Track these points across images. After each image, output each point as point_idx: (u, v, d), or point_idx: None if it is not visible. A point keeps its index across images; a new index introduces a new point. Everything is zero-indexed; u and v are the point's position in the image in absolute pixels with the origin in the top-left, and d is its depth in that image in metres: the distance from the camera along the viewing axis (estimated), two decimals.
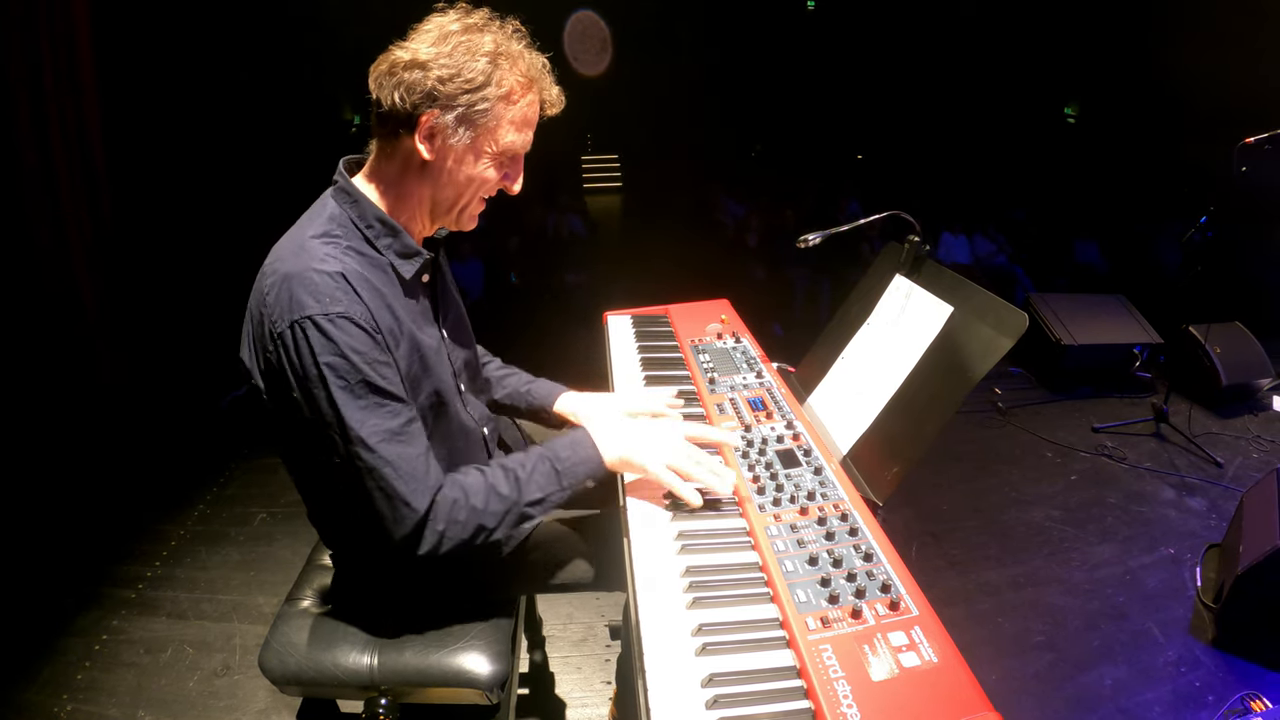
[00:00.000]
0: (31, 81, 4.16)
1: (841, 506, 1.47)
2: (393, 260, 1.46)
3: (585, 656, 2.83)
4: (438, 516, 1.37)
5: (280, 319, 1.30)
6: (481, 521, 1.41)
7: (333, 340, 1.29)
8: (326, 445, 1.34)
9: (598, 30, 11.35)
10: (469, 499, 1.40)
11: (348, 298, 1.32)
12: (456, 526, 1.39)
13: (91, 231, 4.61)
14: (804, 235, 2.09)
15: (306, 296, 1.29)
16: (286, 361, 1.31)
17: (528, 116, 1.44)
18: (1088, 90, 10.72)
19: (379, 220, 1.45)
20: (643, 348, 2.30)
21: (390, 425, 1.34)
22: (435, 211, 1.50)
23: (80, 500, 3.74)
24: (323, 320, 1.28)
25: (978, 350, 1.56)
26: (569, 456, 1.51)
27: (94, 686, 2.67)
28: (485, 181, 1.47)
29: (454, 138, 1.38)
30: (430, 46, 1.34)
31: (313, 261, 1.33)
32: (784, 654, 1.17)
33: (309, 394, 1.31)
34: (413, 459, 1.36)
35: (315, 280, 1.30)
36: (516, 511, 1.44)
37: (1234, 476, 4.05)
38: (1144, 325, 5.19)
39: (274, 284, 1.32)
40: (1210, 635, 2.90)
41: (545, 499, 1.47)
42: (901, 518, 3.65)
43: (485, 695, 1.56)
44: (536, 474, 1.48)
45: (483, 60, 1.34)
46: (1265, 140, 3.63)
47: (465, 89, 1.34)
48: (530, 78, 1.42)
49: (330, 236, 1.40)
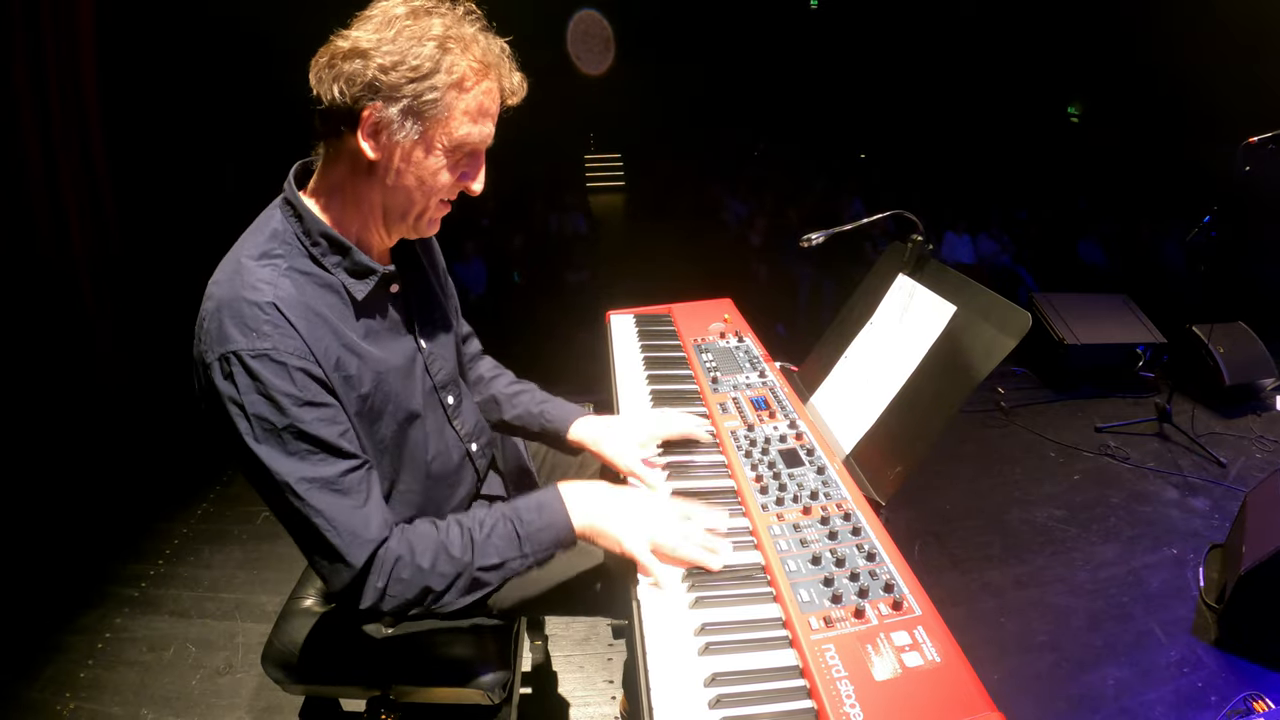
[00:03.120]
0: (35, 83, 4.17)
1: (844, 506, 1.47)
2: (344, 280, 1.33)
3: (587, 655, 2.83)
4: (379, 572, 1.26)
5: (209, 350, 1.19)
6: (427, 583, 1.29)
7: (258, 380, 1.17)
8: (258, 486, 1.24)
9: (600, 30, 11.35)
10: (414, 557, 1.29)
11: (277, 332, 1.19)
12: (399, 584, 1.27)
13: (94, 231, 4.62)
14: (807, 234, 2.09)
15: (234, 329, 1.18)
16: (213, 394, 1.20)
17: (484, 106, 1.28)
18: (1091, 89, 10.71)
19: (324, 237, 1.31)
20: (645, 347, 2.30)
21: (321, 473, 1.22)
22: (389, 218, 1.35)
23: (83, 498, 3.75)
24: (249, 358, 1.17)
25: (981, 350, 1.56)
26: (533, 520, 1.37)
27: (97, 684, 2.67)
28: (439, 182, 1.30)
29: (400, 133, 1.23)
30: (373, 33, 1.21)
31: (244, 289, 1.21)
32: (787, 654, 1.17)
33: (233, 433, 1.20)
34: (347, 510, 1.24)
35: (244, 312, 1.19)
36: (468, 575, 1.32)
37: (1237, 477, 4.04)
38: (1147, 325, 5.18)
39: (208, 311, 1.22)
40: (1213, 635, 2.89)
41: (503, 564, 1.34)
42: (904, 517, 3.64)
43: (487, 695, 1.56)
44: (495, 536, 1.35)
45: (430, 45, 1.20)
46: (1269, 140, 3.62)
47: (410, 77, 1.20)
48: (486, 63, 1.26)
49: (270, 257, 1.27)
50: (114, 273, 4.77)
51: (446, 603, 1.32)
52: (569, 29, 11.10)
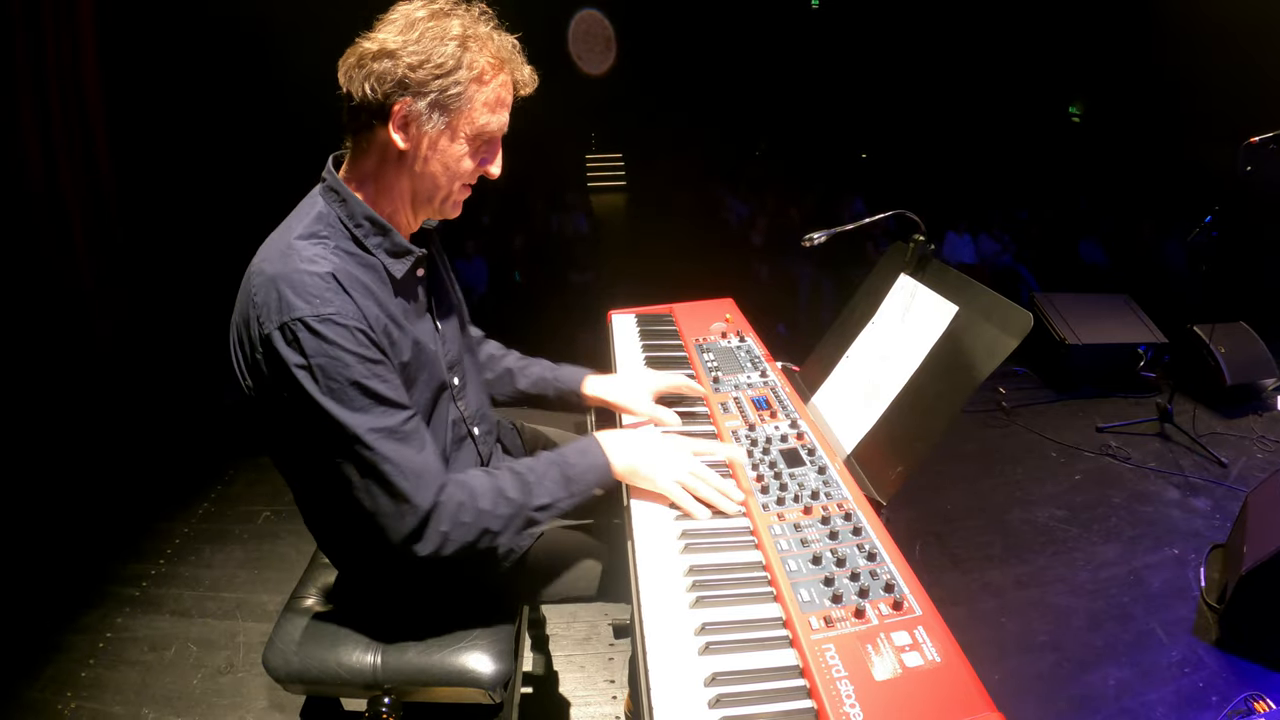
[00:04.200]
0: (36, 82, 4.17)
1: (845, 506, 1.47)
2: (383, 260, 1.44)
3: (589, 655, 2.83)
4: (442, 517, 1.35)
5: (269, 321, 1.27)
6: (487, 525, 1.39)
7: (325, 340, 1.26)
8: (324, 446, 1.31)
9: (602, 29, 11.35)
10: (475, 501, 1.38)
11: (339, 298, 1.29)
12: (461, 528, 1.36)
13: (96, 232, 4.62)
14: (809, 234, 2.09)
15: (295, 298, 1.26)
16: (277, 364, 1.27)
17: (500, 97, 1.42)
18: (1093, 89, 10.70)
19: (368, 219, 1.42)
20: (647, 346, 2.30)
21: (387, 423, 1.31)
22: (416, 202, 1.47)
23: (84, 498, 3.75)
24: (314, 322, 1.25)
25: (982, 350, 1.56)
26: (578, 463, 1.49)
27: (98, 684, 2.68)
28: (463, 167, 1.43)
29: (428, 124, 1.36)
30: (398, 35, 1.32)
31: (301, 263, 1.30)
32: (787, 653, 1.17)
33: (301, 396, 1.27)
34: (411, 456, 1.33)
35: (305, 281, 1.28)
36: (523, 516, 1.43)
37: (1238, 477, 4.04)
38: (1149, 325, 5.17)
39: (261, 285, 1.29)
40: (1214, 636, 2.89)
41: (553, 504, 1.45)
42: (905, 517, 3.64)
43: (488, 694, 1.56)
44: (546, 479, 1.46)
45: (452, 44, 1.32)
46: (1270, 139, 3.62)
47: (436, 74, 1.32)
48: (500, 58, 1.39)
49: (317, 238, 1.37)
50: (116, 273, 4.77)
51: (502, 543, 1.43)
52: (570, 28, 11.10)
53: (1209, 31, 7.70)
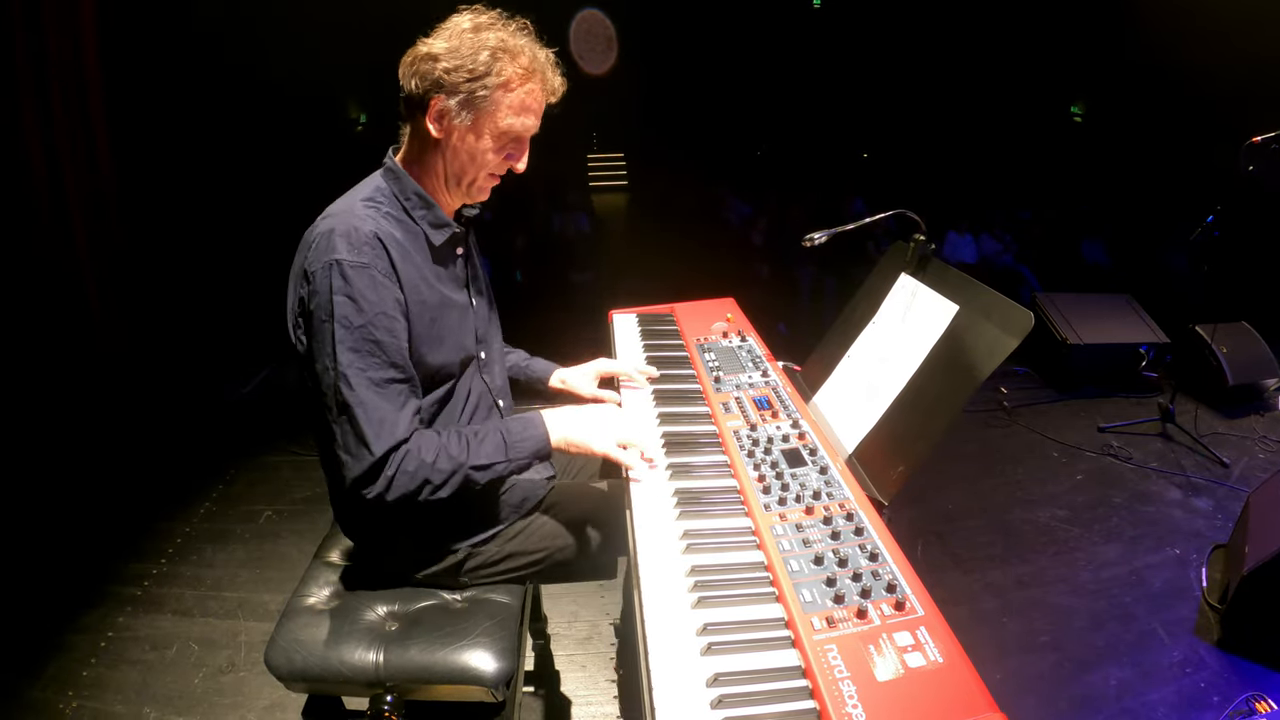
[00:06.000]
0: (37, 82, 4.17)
1: (847, 506, 1.47)
2: (425, 230, 1.66)
3: (590, 655, 2.83)
4: (390, 463, 1.48)
5: (316, 260, 1.49)
6: (428, 476, 1.51)
7: (350, 284, 1.46)
8: (321, 377, 1.49)
9: (603, 29, 11.34)
10: (420, 453, 1.52)
11: (375, 254, 1.50)
12: (404, 476, 1.49)
13: (98, 231, 4.62)
14: (809, 234, 2.09)
15: (342, 245, 1.48)
16: (313, 296, 1.48)
17: (526, 103, 1.59)
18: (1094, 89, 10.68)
19: (416, 194, 1.65)
20: (648, 346, 2.30)
21: (373, 375, 1.48)
22: (449, 184, 1.67)
23: (86, 497, 3.75)
24: (348, 267, 1.46)
25: (984, 349, 1.56)
26: (519, 432, 1.65)
27: (99, 683, 2.68)
28: (486, 159, 1.62)
29: (457, 119, 1.56)
30: (444, 43, 1.53)
31: (355, 220, 1.52)
32: (789, 654, 1.17)
33: (320, 327, 1.47)
34: (384, 409, 1.48)
35: (353, 235, 1.50)
36: (462, 473, 1.56)
37: (1240, 477, 4.03)
38: (1150, 325, 5.17)
39: (320, 234, 1.52)
40: (1215, 636, 2.89)
41: (491, 466, 1.60)
42: (907, 517, 3.64)
43: (490, 693, 1.56)
44: (486, 443, 1.61)
45: (485, 54, 1.52)
46: (1272, 139, 3.61)
47: (467, 78, 1.52)
48: (531, 69, 1.57)
49: (373, 203, 1.60)
50: (118, 273, 4.77)
51: (440, 496, 1.55)
52: (572, 28, 11.09)
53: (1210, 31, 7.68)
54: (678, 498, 1.54)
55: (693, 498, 1.55)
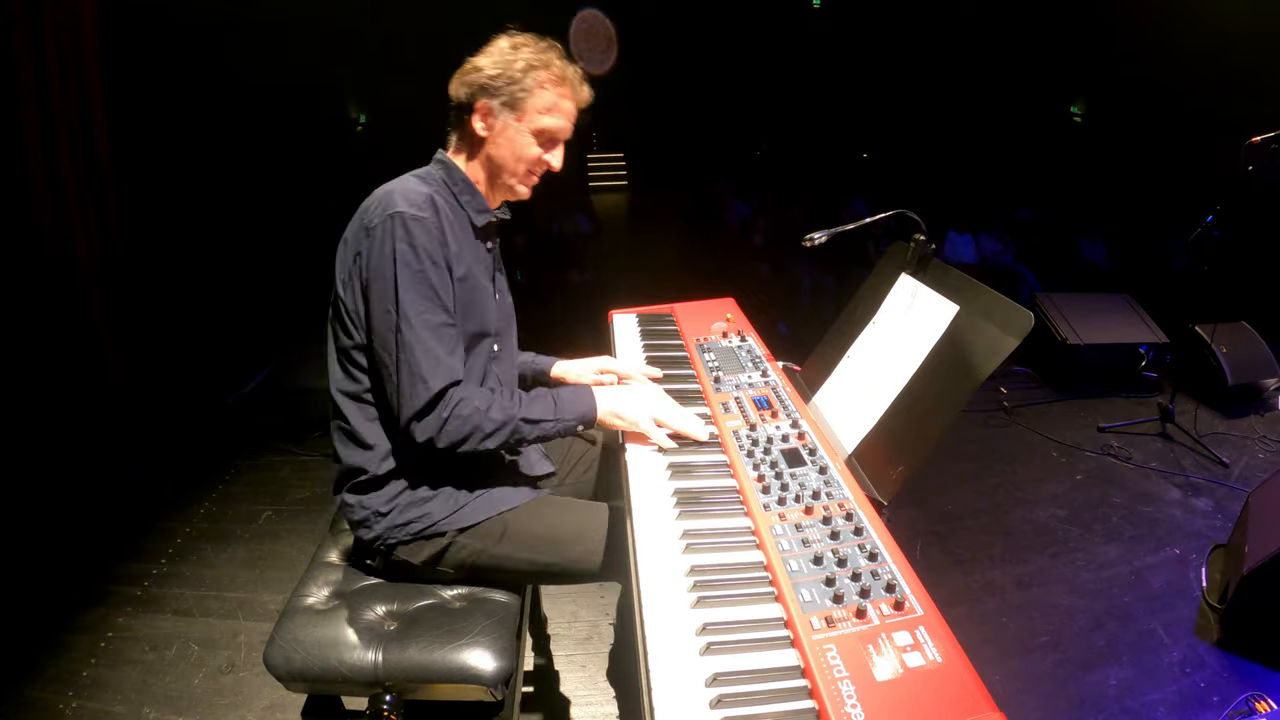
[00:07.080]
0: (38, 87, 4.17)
1: (846, 506, 1.47)
2: (470, 214, 1.84)
3: (590, 655, 2.83)
4: (446, 403, 1.61)
5: (376, 215, 1.64)
6: (479, 423, 1.64)
7: (410, 233, 1.62)
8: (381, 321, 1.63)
9: (603, 28, 11.34)
10: (475, 400, 1.65)
11: (430, 211, 1.67)
12: (458, 420, 1.62)
13: (98, 233, 4.62)
14: (809, 234, 2.09)
15: (401, 201, 1.64)
16: (373, 247, 1.62)
17: (557, 104, 1.81)
18: (1094, 89, 10.67)
19: (463, 181, 1.85)
20: (648, 346, 2.30)
21: (429, 317, 1.63)
22: (491, 178, 1.87)
23: (86, 498, 3.76)
24: (408, 218, 1.62)
25: (983, 349, 1.56)
26: (569, 396, 1.79)
27: (99, 683, 2.68)
28: (526, 154, 1.82)
29: (499, 117, 1.78)
30: (486, 59, 1.78)
31: (413, 184, 1.72)
32: (788, 654, 1.17)
33: (381, 274, 1.62)
34: (439, 350, 1.63)
35: (411, 195, 1.67)
36: (513, 424, 1.69)
37: (1240, 476, 4.04)
38: (1150, 325, 5.17)
39: (378, 196, 1.69)
40: (1215, 636, 2.89)
41: (540, 422, 1.73)
42: (906, 517, 3.64)
43: (490, 692, 1.56)
44: (537, 402, 1.75)
45: (521, 63, 1.75)
46: (1272, 139, 3.61)
47: (507, 82, 1.75)
48: (561, 77, 1.81)
49: (425, 181, 1.78)
50: (118, 274, 4.76)
51: (487, 446, 1.67)
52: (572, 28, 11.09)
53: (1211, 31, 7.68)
54: (677, 497, 1.54)
55: (692, 497, 1.55)
